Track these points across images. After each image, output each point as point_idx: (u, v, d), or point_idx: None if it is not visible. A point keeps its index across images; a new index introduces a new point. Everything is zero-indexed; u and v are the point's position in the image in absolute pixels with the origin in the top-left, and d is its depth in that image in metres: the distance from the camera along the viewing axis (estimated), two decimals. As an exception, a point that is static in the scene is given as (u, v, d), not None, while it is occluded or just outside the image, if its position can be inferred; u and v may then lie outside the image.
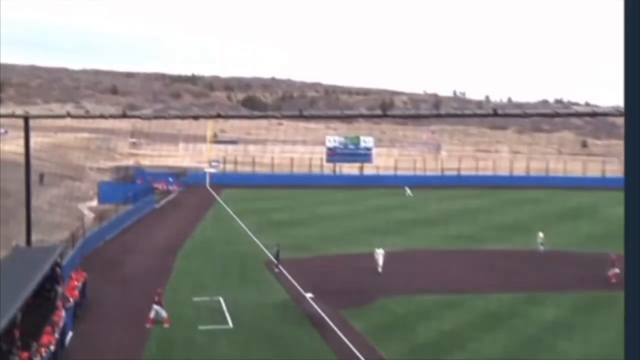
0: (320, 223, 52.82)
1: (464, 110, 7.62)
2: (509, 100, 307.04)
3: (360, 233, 48.53)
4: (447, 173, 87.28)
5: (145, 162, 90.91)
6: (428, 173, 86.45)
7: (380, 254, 37.46)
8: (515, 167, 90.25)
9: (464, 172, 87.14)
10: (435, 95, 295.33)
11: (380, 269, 36.91)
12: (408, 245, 44.88)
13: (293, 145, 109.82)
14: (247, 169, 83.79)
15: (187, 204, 62.12)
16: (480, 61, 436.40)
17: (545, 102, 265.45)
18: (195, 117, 9.18)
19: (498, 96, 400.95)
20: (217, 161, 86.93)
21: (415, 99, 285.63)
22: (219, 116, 7.99)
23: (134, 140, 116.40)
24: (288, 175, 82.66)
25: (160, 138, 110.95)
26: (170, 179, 73.19)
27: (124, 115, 8.63)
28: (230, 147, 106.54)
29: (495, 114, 7.28)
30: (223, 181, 76.82)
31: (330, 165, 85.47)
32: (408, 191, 73.05)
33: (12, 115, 9.99)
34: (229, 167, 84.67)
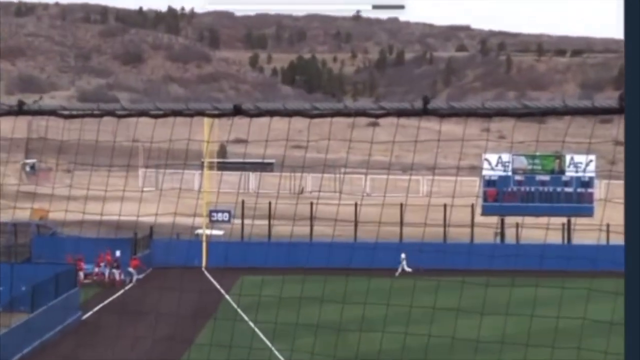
0: (465, 355, 52.84)
1: None
2: None
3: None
4: None
5: (61, 213, 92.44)
6: None
7: None
8: None
9: None
10: None
11: None
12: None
13: (403, 175, 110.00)
14: (298, 230, 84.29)
15: (155, 310, 62.73)
16: None
17: None
18: (180, 114, 9.49)
19: None
20: (227, 212, 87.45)
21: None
22: (237, 112, 8.36)
23: (32, 162, 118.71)
24: (392, 244, 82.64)
25: (93, 157, 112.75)
26: (118, 253, 74.42)
27: (19, 111, 9.12)
28: (255, 179, 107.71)
29: None
30: (238, 259, 77.73)
31: (493, 219, 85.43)
32: (403, 261, 77.46)
33: None
34: (254, 228, 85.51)
